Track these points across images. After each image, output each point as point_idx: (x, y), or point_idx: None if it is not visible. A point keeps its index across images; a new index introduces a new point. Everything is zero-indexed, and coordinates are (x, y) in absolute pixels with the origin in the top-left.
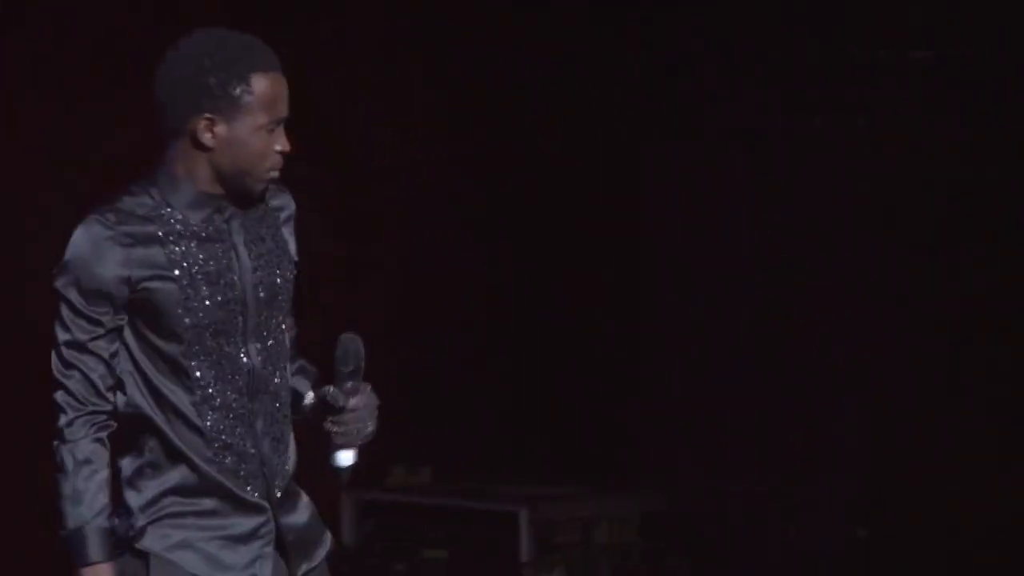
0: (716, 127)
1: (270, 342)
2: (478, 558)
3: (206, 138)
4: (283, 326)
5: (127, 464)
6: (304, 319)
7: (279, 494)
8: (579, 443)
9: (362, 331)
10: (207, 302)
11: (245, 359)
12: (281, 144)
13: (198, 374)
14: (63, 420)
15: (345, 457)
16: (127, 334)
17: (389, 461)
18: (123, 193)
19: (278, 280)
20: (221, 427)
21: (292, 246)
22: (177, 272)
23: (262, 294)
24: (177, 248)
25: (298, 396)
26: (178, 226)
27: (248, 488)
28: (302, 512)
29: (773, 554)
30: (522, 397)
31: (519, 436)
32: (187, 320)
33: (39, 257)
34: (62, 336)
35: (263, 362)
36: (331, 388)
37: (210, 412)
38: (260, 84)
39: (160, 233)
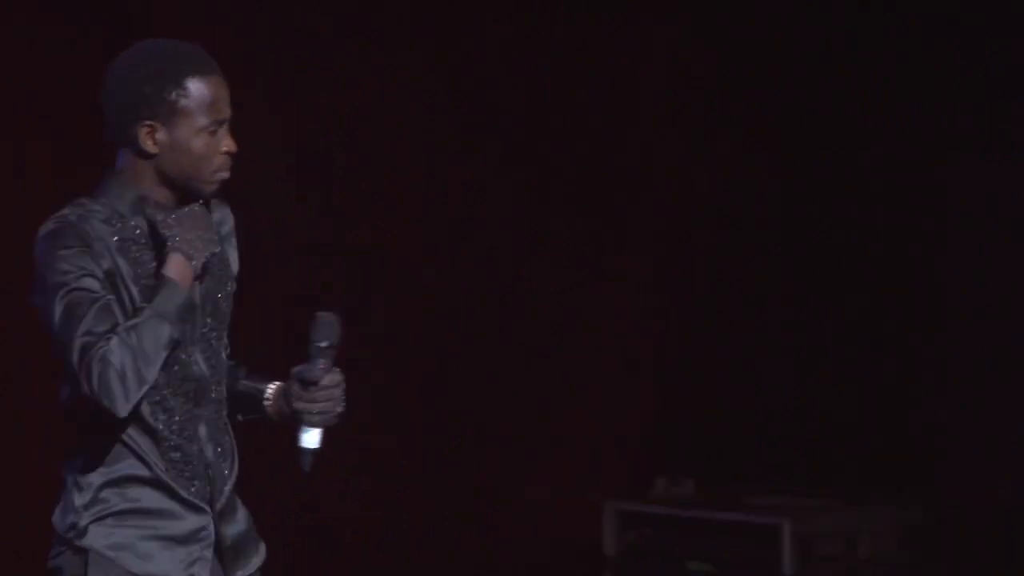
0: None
1: (213, 353)
2: (740, 570)
3: (148, 145)
4: (224, 339)
5: (74, 463)
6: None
7: (222, 500)
8: (840, 454)
9: (631, 344)
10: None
11: (195, 367)
12: (227, 145)
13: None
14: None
15: (311, 438)
16: None
17: (652, 473)
18: (75, 203)
19: (220, 294)
20: (171, 429)
21: (234, 260)
22: (129, 279)
23: (208, 306)
24: (129, 255)
25: (258, 392)
26: (129, 233)
27: (192, 490)
28: (240, 521)
29: None
30: (783, 408)
31: (780, 447)
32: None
33: None
34: (61, 295)
35: (209, 371)
36: (305, 365)
37: (162, 414)
38: (195, 87)
39: (116, 239)
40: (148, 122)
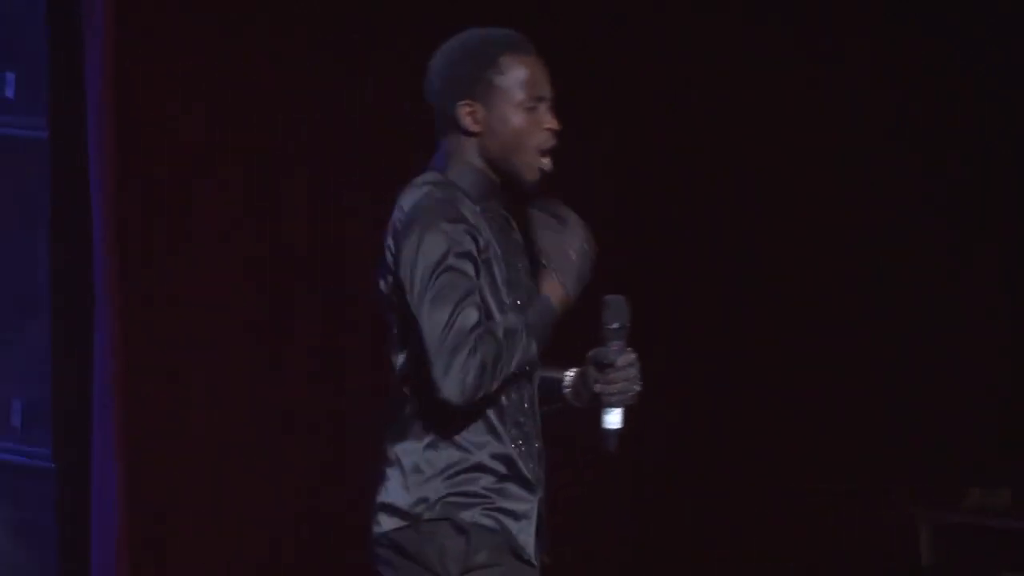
0: None
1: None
2: None
3: (469, 123)
4: None
5: (415, 436)
6: None
7: (543, 479)
8: None
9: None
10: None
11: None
12: (548, 122)
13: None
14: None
15: (613, 419)
16: None
17: (967, 483)
18: (432, 179)
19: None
20: (516, 408)
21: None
22: (499, 258)
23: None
24: (494, 232)
25: (556, 382)
26: (491, 211)
27: (530, 467)
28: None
29: None
30: None
31: None
32: (508, 300)
33: None
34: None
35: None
36: (600, 348)
37: (514, 392)
38: (510, 64)
39: (483, 216)
40: (467, 102)
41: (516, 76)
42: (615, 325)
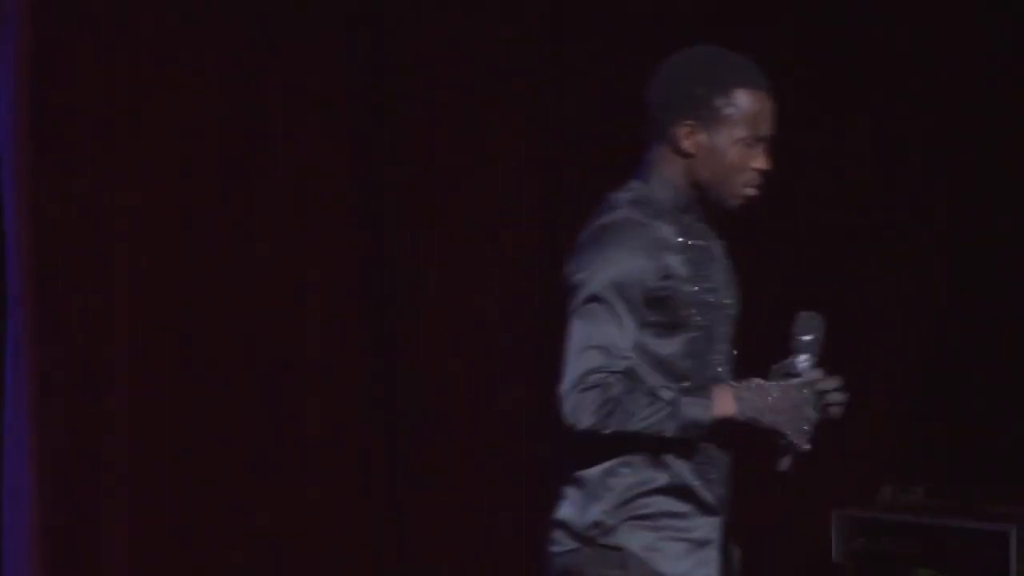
0: None
1: (728, 355)
2: None
3: (686, 144)
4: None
5: (592, 459)
6: None
7: (726, 500)
8: None
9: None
10: (707, 302)
11: (719, 368)
12: (759, 162)
13: (689, 375)
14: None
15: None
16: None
17: (879, 480)
18: (633, 194)
19: (735, 296)
20: None
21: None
22: (684, 280)
23: (735, 306)
24: (687, 255)
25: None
26: (690, 232)
27: (712, 493)
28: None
29: None
30: (1015, 414)
31: (1011, 454)
32: (698, 319)
33: None
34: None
35: (725, 373)
36: (788, 360)
37: None
38: (743, 99)
39: (679, 239)
40: (690, 122)
41: (745, 111)
42: (807, 337)
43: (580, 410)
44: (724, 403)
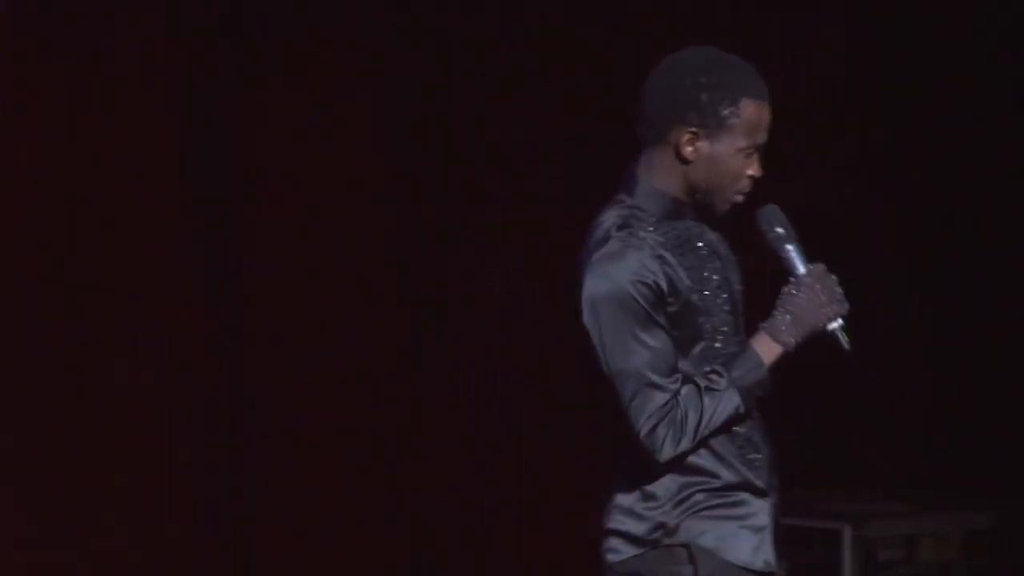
0: None
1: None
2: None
3: (687, 151)
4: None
5: (649, 467)
6: None
7: (774, 483)
8: (902, 457)
9: None
10: (718, 306)
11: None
12: (753, 169)
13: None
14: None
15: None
16: None
17: None
18: (622, 211)
19: (738, 289)
20: (742, 422)
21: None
22: (685, 289)
23: (737, 301)
24: (683, 263)
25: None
26: (683, 240)
27: (762, 478)
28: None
29: None
30: (844, 412)
31: (841, 451)
32: (709, 326)
33: None
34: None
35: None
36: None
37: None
38: (748, 109)
39: (669, 250)
40: (693, 129)
41: (748, 121)
42: (780, 230)
43: (660, 449)
44: (767, 348)
